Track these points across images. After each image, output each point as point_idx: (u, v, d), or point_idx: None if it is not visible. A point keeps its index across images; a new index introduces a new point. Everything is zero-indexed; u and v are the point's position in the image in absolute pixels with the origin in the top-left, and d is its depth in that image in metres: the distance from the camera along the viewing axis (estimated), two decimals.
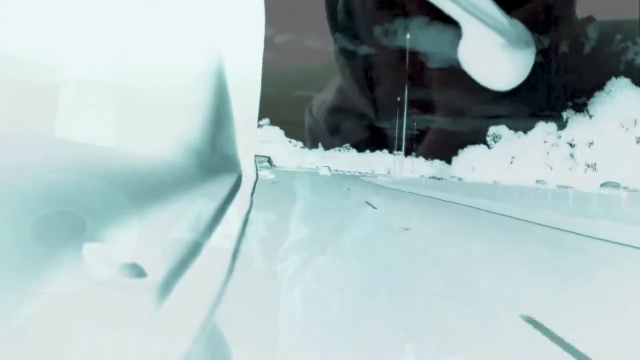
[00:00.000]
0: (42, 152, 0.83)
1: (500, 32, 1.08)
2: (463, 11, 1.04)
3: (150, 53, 1.12)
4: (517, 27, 1.10)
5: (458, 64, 1.14)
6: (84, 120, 0.96)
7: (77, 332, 0.71)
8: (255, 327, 2.27)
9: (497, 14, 1.06)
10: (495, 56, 1.09)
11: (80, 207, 0.82)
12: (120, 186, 0.95)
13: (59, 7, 0.91)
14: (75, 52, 0.94)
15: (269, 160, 18.29)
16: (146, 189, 1.06)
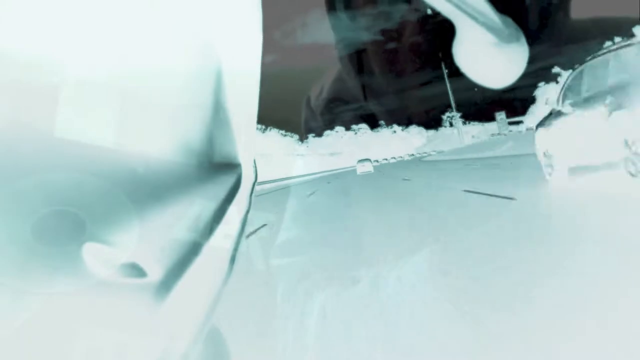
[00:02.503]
0: (42, 152, 0.83)
1: (492, 30, 1.06)
2: (455, 9, 1.02)
3: (150, 53, 1.12)
4: (508, 25, 1.08)
5: None
6: (84, 120, 0.96)
7: (74, 332, 0.71)
8: None
9: (489, 11, 1.05)
10: (489, 56, 1.08)
11: (79, 207, 0.82)
12: (120, 186, 0.95)
13: (59, 7, 0.91)
14: (75, 52, 0.94)
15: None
16: (146, 189, 1.06)
